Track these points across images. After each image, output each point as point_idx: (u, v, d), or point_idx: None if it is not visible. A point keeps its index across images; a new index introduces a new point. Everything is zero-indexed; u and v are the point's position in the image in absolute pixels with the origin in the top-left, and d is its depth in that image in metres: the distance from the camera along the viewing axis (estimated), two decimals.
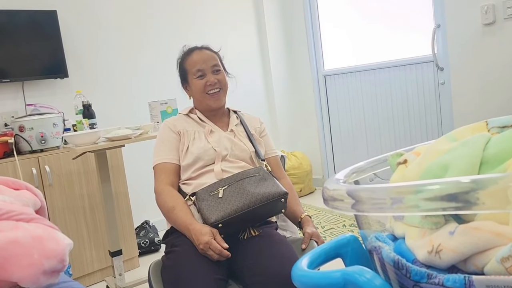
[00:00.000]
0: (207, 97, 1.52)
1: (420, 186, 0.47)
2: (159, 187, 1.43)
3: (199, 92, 1.52)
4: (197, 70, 1.51)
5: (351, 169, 0.74)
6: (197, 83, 1.52)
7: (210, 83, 1.51)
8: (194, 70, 1.52)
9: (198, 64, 1.52)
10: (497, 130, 0.71)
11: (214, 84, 1.52)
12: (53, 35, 2.64)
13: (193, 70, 1.52)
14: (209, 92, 1.52)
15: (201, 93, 1.52)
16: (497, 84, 2.59)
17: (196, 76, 1.52)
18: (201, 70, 1.51)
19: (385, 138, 3.39)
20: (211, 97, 1.52)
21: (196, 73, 1.52)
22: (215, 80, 1.52)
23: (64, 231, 2.27)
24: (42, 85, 2.70)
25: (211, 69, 1.52)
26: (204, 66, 1.52)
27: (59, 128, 2.34)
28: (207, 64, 1.52)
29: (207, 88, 1.51)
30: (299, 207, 1.49)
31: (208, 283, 1.16)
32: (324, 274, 0.57)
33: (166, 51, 3.20)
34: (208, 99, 1.52)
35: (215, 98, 1.53)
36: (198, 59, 1.53)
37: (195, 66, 1.52)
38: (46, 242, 0.86)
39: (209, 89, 1.52)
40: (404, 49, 3.14)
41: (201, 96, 1.53)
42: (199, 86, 1.51)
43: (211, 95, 1.52)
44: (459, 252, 0.51)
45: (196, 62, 1.52)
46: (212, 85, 1.51)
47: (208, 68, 1.52)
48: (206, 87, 1.51)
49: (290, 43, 3.93)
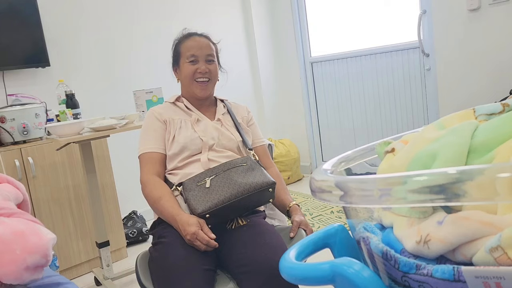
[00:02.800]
0: (194, 84, 1.50)
1: (407, 178, 0.46)
2: (145, 177, 1.41)
3: (188, 78, 1.50)
4: (191, 54, 1.49)
5: (339, 158, 0.73)
6: (188, 67, 1.49)
7: (200, 70, 1.49)
8: (188, 54, 1.49)
9: (193, 50, 1.49)
10: (485, 117, 0.70)
11: (205, 73, 1.49)
12: (33, 23, 2.56)
13: (187, 54, 1.49)
14: (198, 79, 1.50)
15: (189, 79, 1.50)
16: (482, 70, 2.60)
17: (188, 60, 1.49)
18: (195, 56, 1.49)
19: (372, 124, 3.41)
20: (199, 85, 1.50)
21: (189, 58, 1.49)
22: (206, 69, 1.50)
23: (49, 223, 2.24)
24: (23, 74, 2.63)
25: (205, 57, 1.50)
26: (199, 52, 1.49)
27: (41, 118, 2.29)
28: (202, 51, 1.50)
29: (196, 75, 1.49)
30: (287, 196, 1.49)
31: (196, 274, 1.15)
32: (312, 266, 0.57)
33: (151, 38, 3.14)
34: (195, 87, 1.50)
35: (202, 87, 1.50)
36: (194, 44, 1.50)
37: (190, 50, 1.49)
38: (28, 237, 0.84)
39: (198, 77, 1.49)
40: (391, 35, 3.13)
41: (188, 82, 1.50)
42: (189, 71, 1.49)
43: (199, 83, 1.50)
44: (448, 242, 0.51)
45: (192, 46, 1.50)
46: (202, 73, 1.49)
47: (202, 56, 1.50)
48: (196, 74, 1.49)
49: (276, 30, 3.89)
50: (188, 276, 1.14)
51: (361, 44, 3.34)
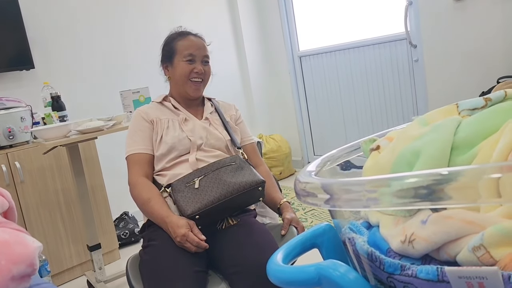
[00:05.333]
0: (188, 84, 1.49)
1: (391, 180, 0.45)
2: (133, 179, 1.40)
3: (183, 76, 1.48)
4: (189, 53, 1.47)
5: (323, 158, 0.72)
6: (184, 66, 1.48)
7: (197, 70, 1.48)
8: (186, 53, 1.48)
9: (192, 49, 1.48)
10: (467, 112, 0.70)
11: (200, 73, 1.49)
12: (15, 24, 2.52)
13: (184, 52, 1.48)
14: (193, 79, 1.49)
15: (185, 77, 1.48)
16: (470, 60, 2.62)
17: (185, 59, 1.48)
18: (193, 55, 1.48)
19: (362, 116, 3.41)
20: (193, 85, 1.49)
21: (187, 56, 1.48)
22: (202, 70, 1.49)
23: (39, 228, 2.22)
24: (6, 77, 2.58)
25: (202, 58, 1.50)
26: (198, 52, 1.48)
27: (27, 122, 2.26)
28: (200, 52, 1.49)
29: (192, 75, 1.48)
30: (277, 194, 1.49)
31: (187, 276, 1.14)
32: (298, 269, 0.56)
33: (137, 37, 3.11)
34: (189, 86, 1.49)
35: (195, 88, 1.50)
36: (192, 44, 1.49)
37: (189, 49, 1.48)
38: (13, 247, 0.82)
39: (194, 76, 1.49)
40: (378, 27, 3.13)
41: (182, 81, 1.49)
42: (185, 70, 1.48)
43: (193, 83, 1.49)
44: (431, 242, 0.50)
45: (191, 46, 1.48)
46: (198, 74, 1.49)
47: (200, 56, 1.49)
48: (192, 74, 1.48)
49: (264, 25, 3.87)
50: (179, 278, 1.13)
51: (349, 37, 3.34)
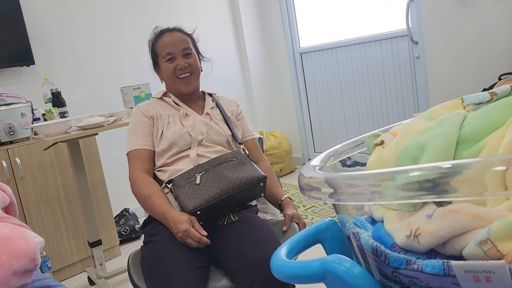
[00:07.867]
0: (178, 81, 1.48)
1: (395, 174, 0.45)
2: (134, 175, 1.39)
3: (170, 76, 1.48)
4: (166, 53, 1.46)
5: (327, 153, 0.72)
6: (167, 66, 1.47)
7: (180, 67, 1.46)
8: (164, 53, 1.46)
9: (168, 47, 1.46)
10: (473, 107, 0.70)
11: (184, 68, 1.46)
12: (16, 20, 2.51)
13: (163, 53, 1.47)
14: (180, 76, 1.47)
15: (172, 77, 1.47)
16: (471, 56, 2.61)
17: (165, 59, 1.47)
18: (171, 54, 1.46)
19: (362, 113, 3.41)
20: (182, 81, 1.47)
21: (166, 56, 1.46)
22: (185, 64, 1.46)
23: (40, 224, 2.22)
24: (7, 73, 2.58)
25: (181, 52, 1.47)
26: (174, 49, 1.46)
27: (27, 118, 2.25)
28: (178, 47, 1.46)
29: (177, 72, 1.47)
30: (279, 190, 1.48)
31: (189, 272, 1.14)
32: (303, 264, 0.56)
33: (137, 33, 3.10)
34: (179, 84, 1.48)
35: (186, 83, 1.48)
36: (168, 42, 1.47)
37: (165, 49, 1.46)
38: (15, 242, 0.82)
39: (179, 73, 1.47)
40: (379, 23, 3.12)
41: (171, 80, 1.48)
42: (169, 70, 1.47)
43: (182, 79, 1.47)
44: (437, 236, 0.50)
45: (166, 45, 1.47)
46: (182, 69, 1.46)
47: (179, 52, 1.46)
48: (176, 71, 1.46)
49: (264, 21, 3.86)
50: (180, 274, 1.13)
51: (350, 34, 3.33)
